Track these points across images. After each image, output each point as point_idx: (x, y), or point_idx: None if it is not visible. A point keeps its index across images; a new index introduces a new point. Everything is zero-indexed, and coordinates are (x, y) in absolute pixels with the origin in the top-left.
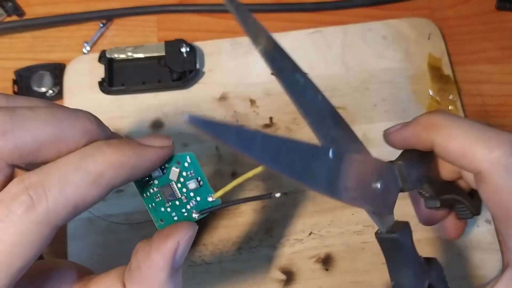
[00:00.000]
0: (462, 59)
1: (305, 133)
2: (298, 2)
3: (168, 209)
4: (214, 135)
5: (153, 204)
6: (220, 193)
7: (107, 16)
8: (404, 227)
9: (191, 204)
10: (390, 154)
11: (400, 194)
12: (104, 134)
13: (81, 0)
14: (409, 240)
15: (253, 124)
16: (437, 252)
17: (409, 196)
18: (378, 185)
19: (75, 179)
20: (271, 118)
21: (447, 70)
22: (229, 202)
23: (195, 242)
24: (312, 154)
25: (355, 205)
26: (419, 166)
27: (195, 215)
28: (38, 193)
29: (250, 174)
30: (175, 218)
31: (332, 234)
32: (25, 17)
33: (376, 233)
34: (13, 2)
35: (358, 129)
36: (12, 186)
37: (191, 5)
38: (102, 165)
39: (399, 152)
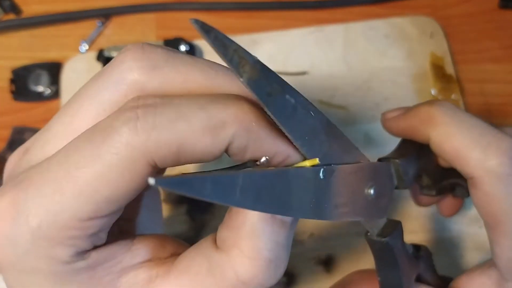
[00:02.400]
0: (465, 58)
1: None
2: (299, 0)
3: None
4: (189, 194)
5: None
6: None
7: (105, 14)
8: (396, 228)
9: None
10: None
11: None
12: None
13: None
14: (399, 241)
15: None
16: (437, 252)
17: None
18: (372, 191)
19: (193, 116)
20: None
21: (449, 69)
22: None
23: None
24: (301, 180)
25: (345, 220)
26: (416, 161)
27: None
28: (146, 115)
29: None
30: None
31: (332, 235)
32: (22, 16)
33: (366, 234)
34: (10, 1)
35: (360, 129)
36: (128, 101)
37: (190, 3)
38: (230, 116)
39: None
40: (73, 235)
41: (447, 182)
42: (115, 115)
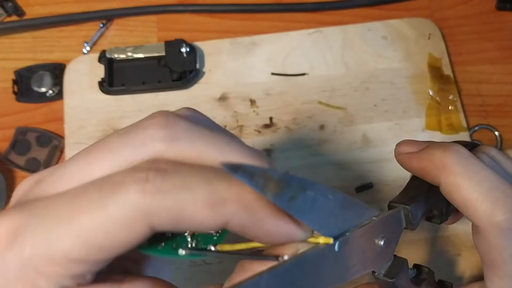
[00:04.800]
0: (462, 59)
1: (305, 133)
2: (299, 2)
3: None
4: None
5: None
6: (227, 247)
7: (107, 16)
8: (402, 269)
9: (190, 242)
10: (390, 154)
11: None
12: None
13: (81, 0)
14: (405, 279)
15: (253, 124)
16: (437, 252)
17: None
18: (382, 242)
19: (197, 188)
20: (271, 118)
21: (447, 70)
22: (224, 251)
23: None
24: (317, 259)
25: (356, 276)
26: (426, 202)
27: (182, 251)
28: (155, 179)
29: (268, 245)
30: (161, 245)
31: None
32: (25, 17)
33: (373, 273)
34: (13, 2)
35: (358, 129)
36: (143, 162)
37: (191, 5)
38: (232, 194)
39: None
40: (59, 272)
41: (453, 208)
42: (128, 172)
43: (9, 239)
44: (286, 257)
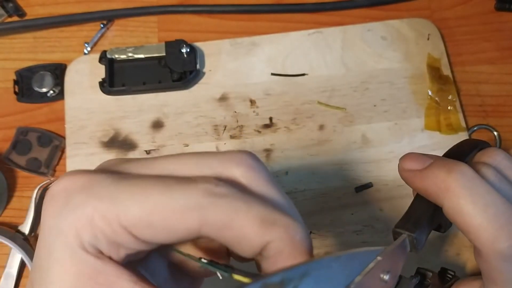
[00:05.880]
0: (461, 60)
1: (305, 133)
2: (298, 3)
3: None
4: None
5: None
6: (239, 278)
7: (108, 17)
8: (403, 285)
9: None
10: (389, 154)
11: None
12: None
13: (81, 1)
14: None
15: (253, 124)
16: (437, 252)
17: None
18: (387, 277)
19: (253, 203)
20: (271, 118)
21: (446, 71)
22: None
23: None
24: None
25: None
26: (430, 225)
27: (204, 260)
28: (222, 188)
29: None
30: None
31: (332, 233)
32: (26, 18)
33: None
34: (14, 3)
35: (358, 129)
36: (219, 176)
37: (191, 5)
38: (282, 221)
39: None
40: (110, 238)
41: None
42: (205, 176)
43: (80, 188)
44: None
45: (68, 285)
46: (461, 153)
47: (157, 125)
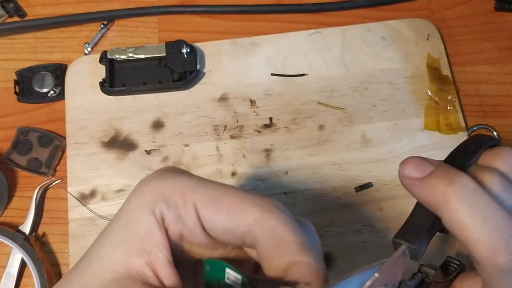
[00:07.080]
0: (461, 60)
1: (304, 133)
2: (298, 3)
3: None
4: None
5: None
6: None
7: (108, 17)
8: None
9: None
10: (389, 154)
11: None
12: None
13: (82, 1)
14: None
15: (253, 124)
16: (437, 251)
17: None
18: None
19: (292, 225)
20: (271, 118)
21: (445, 71)
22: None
23: None
24: None
25: None
26: (431, 233)
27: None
28: (274, 211)
29: None
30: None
31: (331, 233)
32: (26, 18)
33: None
34: (15, 3)
35: (357, 129)
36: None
37: (191, 6)
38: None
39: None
40: (183, 215)
41: None
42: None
43: (170, 170)
44: None
45: (118, 234)
46: (467, 154)
47: (157, 125)
